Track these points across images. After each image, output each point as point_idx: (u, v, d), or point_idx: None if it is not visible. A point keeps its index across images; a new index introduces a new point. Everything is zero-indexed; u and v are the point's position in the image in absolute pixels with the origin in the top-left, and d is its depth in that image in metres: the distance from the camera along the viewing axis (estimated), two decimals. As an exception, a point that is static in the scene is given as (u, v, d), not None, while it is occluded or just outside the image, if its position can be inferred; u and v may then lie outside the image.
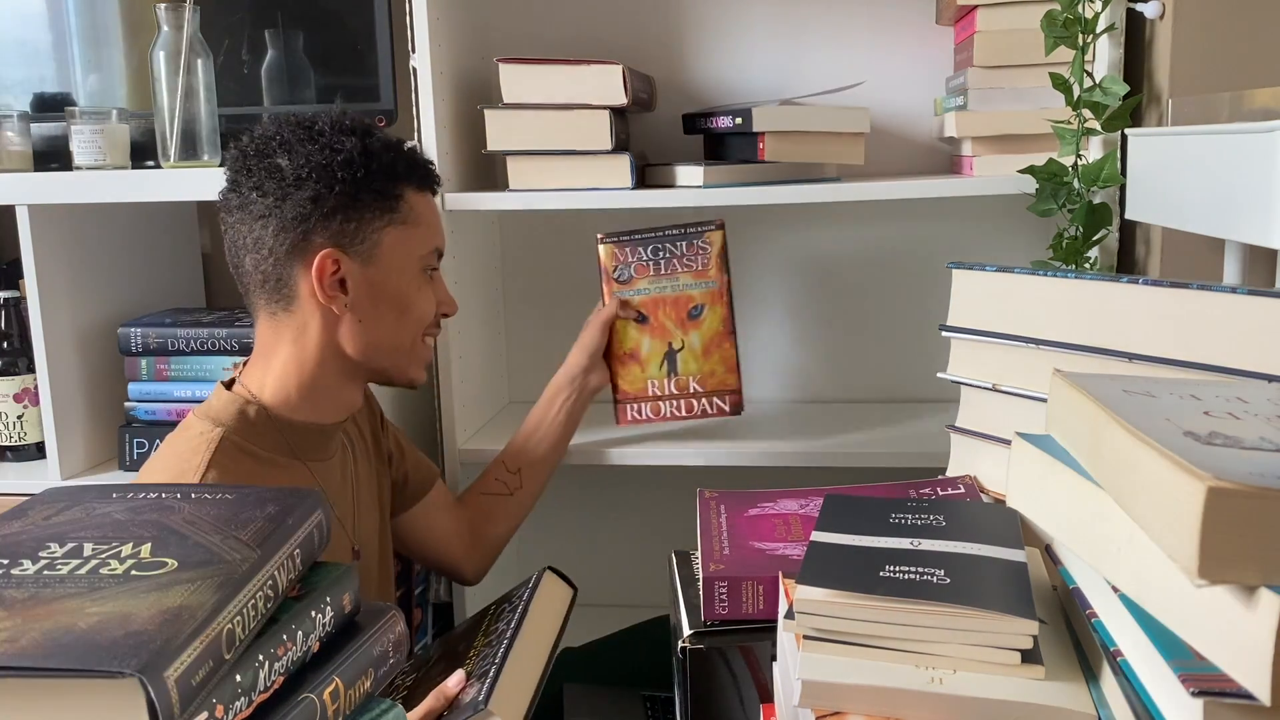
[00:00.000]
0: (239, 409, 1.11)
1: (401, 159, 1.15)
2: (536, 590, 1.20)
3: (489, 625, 1.17)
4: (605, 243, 1.48)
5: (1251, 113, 1.03)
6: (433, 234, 1.18)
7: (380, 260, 1.12)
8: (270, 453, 1.11)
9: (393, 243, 1.13)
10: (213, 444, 1.06)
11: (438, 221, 1.19)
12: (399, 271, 1.14)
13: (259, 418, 1.11)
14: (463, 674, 1.02)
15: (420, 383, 1.21)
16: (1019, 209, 1.42)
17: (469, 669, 1.04)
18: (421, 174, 1.17)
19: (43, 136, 1.59)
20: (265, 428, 1.11)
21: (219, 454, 1.06)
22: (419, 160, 1.18)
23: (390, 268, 1.13)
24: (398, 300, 1.14)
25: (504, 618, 1.16)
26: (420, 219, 1.16)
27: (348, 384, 1.17)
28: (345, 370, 1.15)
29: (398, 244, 1.13)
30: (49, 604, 0.52)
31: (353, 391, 1.19)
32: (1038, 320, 0.94)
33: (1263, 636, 0.49)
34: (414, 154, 1.18)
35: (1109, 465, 0.62)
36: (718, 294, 1.48)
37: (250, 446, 1.09)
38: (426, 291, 1.17)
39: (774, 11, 1.66)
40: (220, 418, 1.10)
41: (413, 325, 1.17)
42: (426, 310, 1.17)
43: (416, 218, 1.15)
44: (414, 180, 1.16)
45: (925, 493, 0.97)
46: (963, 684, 0.63)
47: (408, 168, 1.15)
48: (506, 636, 1.08)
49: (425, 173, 1.18)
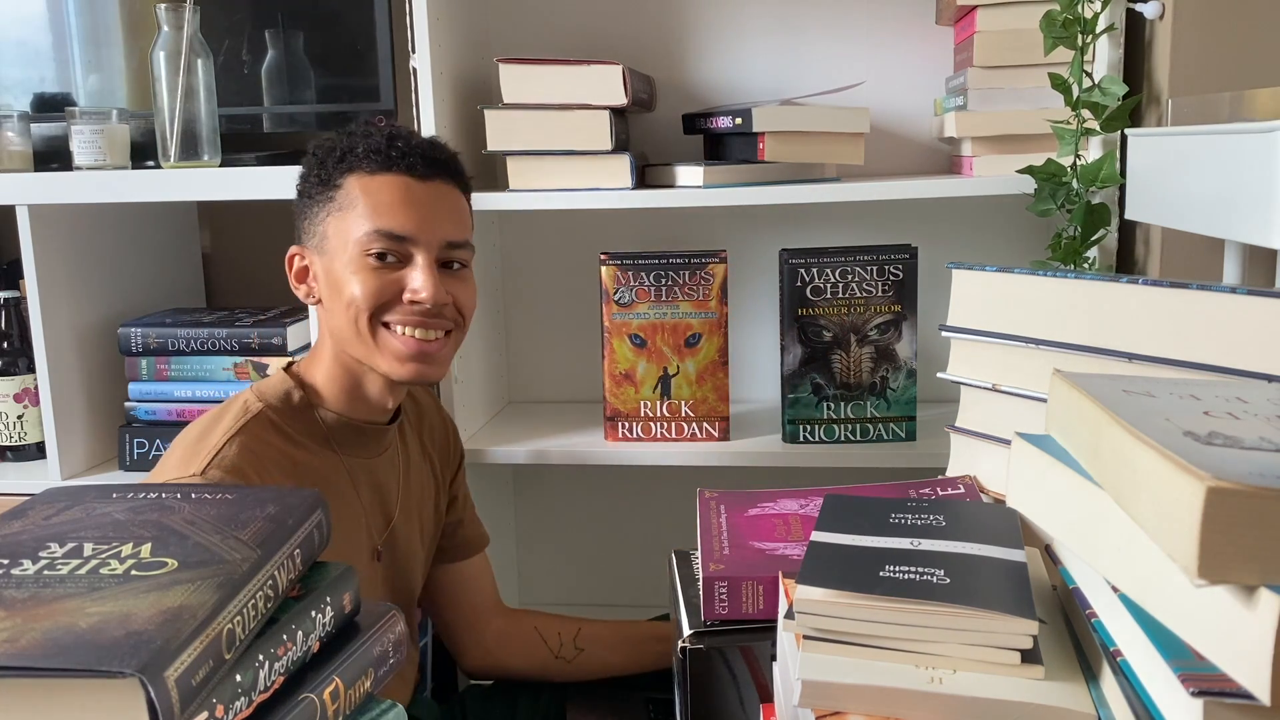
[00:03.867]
0: (285, 390, 1.15)
1: (357, 147, 1.13)
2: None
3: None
4: (608, 264, 1.48)
5: (1251, 112, 1.03)
6: (372, 216, 1.11)
7: (328, 249, 1.14)
8: (303, 438, 1.14)
9: (333, 230, 1.13)
10: (249, 414, 1.10)
11: (389, 203, 1.11)
12: (335, 256, 1.13)
13: (301, 403, 1.15)
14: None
15: (403, 377, 1.14)
16: (1019, 209, 1.42)
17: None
18: (376, 159, 1.12)
19: (43, 136, 1.59)
20: (303, 413, 1.15)
21: (250, 423, 1.09)
22: (376, 145, 1.13)
23: (333, 254, 1.13)
24: (336, 285, 1.13)
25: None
26: (355, 203, 1.12)
27: (362, 378, 1.17)
28: (347, 362, 1.16)
29: (336, 230, 1.13)
30: (49, 604, 0.52)
31: (372, 387, 1.17)
32: (1038, 320, 0.94)
33: (1263, 636, 0.49)
34: (373, 139, 1.14)
35: (1109, 465, 0.62)
36: (716, 325, 1.49)
37: (285, 426, 1.12)
38: (364, 275, 1.11)
39: (774, 11, 1.66)
40: (266, 394, 1.14)
41: (347, 310, 1.12)
42: (355, 294, 1.11)
43: (353, 202, 1.12)
44: (364, 166, 1.13)
45: (925, 493, 0.97)
46: (963, 684, 0.63)
47: (362, 154, 1.13)
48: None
49: (382, 157, 1.12)
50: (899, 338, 1.47)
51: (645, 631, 1.38)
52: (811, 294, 1.46)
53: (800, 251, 1.46)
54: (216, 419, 1.11)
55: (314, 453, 1.14)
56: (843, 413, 1.49)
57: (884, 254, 1.45)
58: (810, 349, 1.47)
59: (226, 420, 1.09)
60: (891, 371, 1.48)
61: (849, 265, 1.45)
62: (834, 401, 1.49)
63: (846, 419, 1.49)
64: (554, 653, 1.37)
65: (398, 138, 1.14)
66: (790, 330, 1.47)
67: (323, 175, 1.14)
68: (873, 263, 1.45)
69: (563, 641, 1.38)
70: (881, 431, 1.49)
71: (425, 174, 1.14)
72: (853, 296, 1.46)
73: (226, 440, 1.06)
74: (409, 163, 1.13)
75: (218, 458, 1.04)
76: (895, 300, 1.46)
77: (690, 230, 1.71)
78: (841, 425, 1.49)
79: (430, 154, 1.15)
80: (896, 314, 1.46)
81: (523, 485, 1.86)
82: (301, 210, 1.17)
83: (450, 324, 1.16)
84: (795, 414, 1.49)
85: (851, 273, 1.45)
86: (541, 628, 1.39)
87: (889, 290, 1.46)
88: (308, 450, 1.13)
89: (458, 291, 1.16)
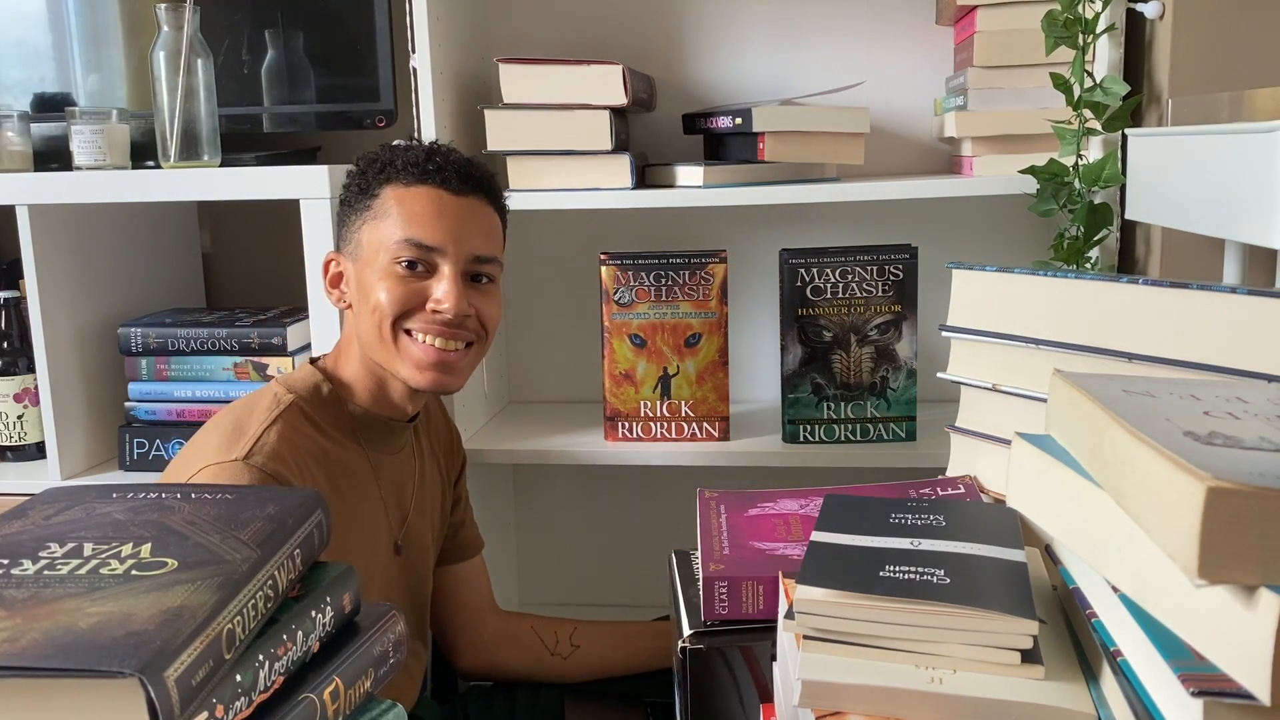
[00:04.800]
0: (315, 383, 1.17)
1: (397, 159, 1.17)
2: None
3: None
4: (608, 264, 1.48)
5: (1251, 113, 1.03)
6: (405, 225, 1.14)
7: (361, 255, 1.17)
8: (332, 429, 1.16)
9: (367, 237, 1.17)
10: (282, 405, 1.13)
11: (421, 214, 1.15)
12: (368, 264, 1.16)
13: (330, 396, 1.18)
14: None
15: (421, 384, 1.16)
16: (1019, 209, 1.42)
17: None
18: (414, 171, 1.16)
19: (43, 136, 1.59)
20: (333, 406, 1.18)
21: (286, 413, 1.12)
22: (415, 158, 1.17)
23: (365, 261, 1.17)
24: (365, 291, 1.16)
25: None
26: (390, 212, 1.15)
27: (386, 382, 1.19)
28: (372, 367, 1.19)
29: (370, 238, 1.17)
30: (49, 604, 0.52)
31: (395, 392, 1.20)
32: (1038, 320, 0.94)
33: (1263, 636, 0.49)
34: (413, 152, 1.18)
35: (1109, 465, 0.62)
36: (716, 325, 1.49)
37: (315, 417, 1.15)
38: (391, 283, 1.14)
39: (774, 11, 1.66)
40: (296, 386, 1.16)
41: (373, 315, 1.14)
42: (381, 300, 1.13)
43: (388, 211, 1.16)
44: (402, 177, 1.16)
45: (925, 493, 0.97)
46: (963, 684, 0.63)
47: (401, 166, 1.17)
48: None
49: (419, 170, 1.16)
50: (899, 338, 1.47)
51: (641, 629, 1.40)
52: (811, 294, 1.46)
53: (800, 251, 1.46)
54: (249, 408, 1.13)
55: (341, 445, 1.17)
56: (843, 413, 1.49)
57: (884, 254, 1.45)
58: (810, 349, 1.47)
59: (260, 410, 1.12)
60: (891, 371, 1.48)
61: (849, 265, 1.45)
62: (834, 401, 1.49)
63: (846, 419, 1.49)
64: (550, 650, 1.39)
65: (436, 153, 1.19)
66: (790, 330, 1.47)
67: (362, 184, 1.19)
68: (873, 263, 1.45)
69: (559, 639, 1.39)
70: (881, 431, 1.49)
71: (459, 189, 1.17)
72: (853, 296, 1.46)
73: (265, 428, 1.09)
74: (444, 176, 1.17)
75: (259, 444, 1.07)
76: (895, 300, 1.46)
77: (690, 230, 1.71)
78: (841, 425, 1.49)
79: (466, 170, 1.19)
80: (896, 314, 1.46)
81: (523, 485, 1.86)
82: (341, 218, 1.22)
83: (472, 336, 1.18)
84: (795, 414, 1.49)
85: (851, 273, 1.45)
86: (538, 627, 1.41)
87: (889, 290, 1.46)
88: (337, 442, 1.16)
89: (481, 305, 1.18)
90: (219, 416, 1.15)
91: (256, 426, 1.09)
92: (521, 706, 1.39)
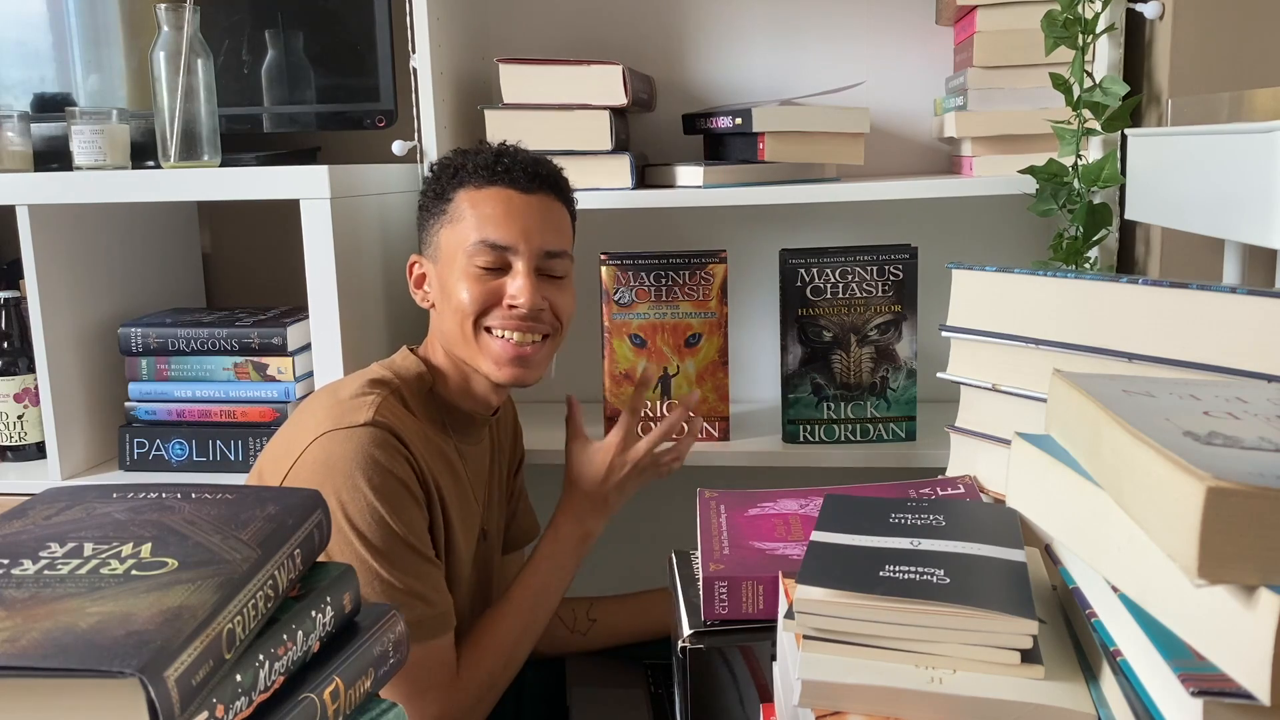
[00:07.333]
0: (419, 373, 1.24)
1: (467, 164, 1.24)
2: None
3: None
4: (608, 264, 1.48)
5: (1251, 113, 1.03)
6: (480, 227, 1.21)
7: (441, 257, 1.24)
8: (425, 420, 1.22)
9: (445, 240, 1.24)
10: (386, 386, 1.18)
11: (493, 215, 1.21)
12: (448, 265, 1.23)
13: (429, 385, 1.25)
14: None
15: (501, 379, 1.22)
16: (1018, 209, 1.42)
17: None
18: (484, 174, 1.23)
19: (43, 136, 1.59)
20: (429, 397, 1.24)
21: (389, 401, 1.16)
22: (484, 161, 1.23)
23: (445, 263, 1.23)
24: (446, 291, 1.23)
25: None
26: (464, 215, 1.22)
27: (469, 378, 1.25)
28: (457, 363, 1.24)
29: (448, 241, 1.23)
30: (49, 604, 0.52)
31: (479, 387, 1.25)
32: (1038, 320, 0.94)
33: (1263, 636, 0.49)
34: (482, 155, 1.24)
35: (1109, 465, 0.62)
36: (716, 325, 1.49)
37: (414, 406, 1.21)
38: (470, 283, 1.21)
39: (774, 11, 1.66)
40: (401, 374, 1.23)
41: (455, 315, 1.21)
42: (463, 300, 1.20)
43: (462, 214, 1.22)
44: (473, 181, 1.23)
45: (925, 493, 0.97)
46: (963, 684, 0.63)
47: (471, 170, 1.23)
48: None
49: (488, 172, 1.23)
50: (899, 338, 1.47)
51: (653, 597, 1.46)
52: (811, 294, 1.46)
53: (800, 251, 1.46)
54: (358, 382, 1.18)
55: (432, 434, 1.21)
56: (843, 413, 1.49)
57: (884, 254, 1.45)
58: (810, 349, 1.47)
59: (368, 399, 1.15)
60: (891, 371, 1.48)
61: (849, 265, 1.45)
62: (834, 401, 1.49)
63: (846, 419, 1.49)
64: (570, 628, 1.46)
65: (504, 154, 1.25)
66: (790, 330, 1.47)
67: (437, 190, 1.25)
68: (873, 263, 1.45)
69: (576, 617, 1.46)
70: (881, 431, 1.49)
71: (528, 187, 1.23)
72: (853, 296, 1.46)
73: (381, 399, 1.14)
74: (512, 177, 1.23)
75: (379, 411, 1.12)
76: (895, 300, 1.46)
77: (690, 230, 1.71)
78: (841, 425, 1.49)
79: (534, 169, 1.24)
80: (896, 314, 1.46)
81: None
82: (420, 222, 1.29)
83: (548, 328, 1.24)
84: (795, 414, 1.49)
85: (851, 273, 1.45)
86: (558, 610, 1.43)
87: (889, 290, 1.45)
88: (428, 432, 1.21)
89: (555, 297, 1.24)
90: (321, 392, 1.20)
91: (373, 397, 1.14)
92: (526, 665, 1.41)
